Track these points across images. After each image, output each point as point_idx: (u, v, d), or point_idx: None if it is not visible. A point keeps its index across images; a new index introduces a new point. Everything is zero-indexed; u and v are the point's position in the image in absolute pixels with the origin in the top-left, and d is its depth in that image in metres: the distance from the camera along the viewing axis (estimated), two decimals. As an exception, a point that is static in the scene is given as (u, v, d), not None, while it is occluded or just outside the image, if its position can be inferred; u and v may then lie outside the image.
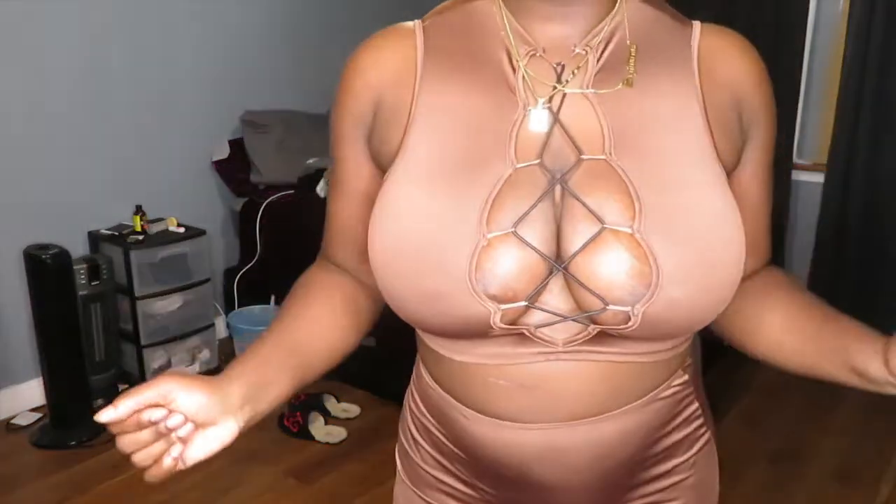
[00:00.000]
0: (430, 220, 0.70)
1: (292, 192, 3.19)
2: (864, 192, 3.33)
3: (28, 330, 2.75)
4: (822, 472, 2.50)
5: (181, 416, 0.67)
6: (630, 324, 0.69)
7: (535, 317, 0.70)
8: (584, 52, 0.74)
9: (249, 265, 3.26)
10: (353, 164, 0.82)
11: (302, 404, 2.76)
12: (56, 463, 2.52)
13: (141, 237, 2.88)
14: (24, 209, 2.76)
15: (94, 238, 2.93)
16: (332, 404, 2.85)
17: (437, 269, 0.69)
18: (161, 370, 2.94)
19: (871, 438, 2.71)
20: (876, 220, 3.34)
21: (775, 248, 0.85)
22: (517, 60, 0.75)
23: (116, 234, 2.90)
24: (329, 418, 2.79)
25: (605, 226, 0.68)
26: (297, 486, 2.42)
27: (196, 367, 3.04)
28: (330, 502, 2.35)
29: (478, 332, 0.72)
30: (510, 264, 0.68)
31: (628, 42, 0.74)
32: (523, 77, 0.74)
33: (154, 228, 2.95)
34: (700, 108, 0.74)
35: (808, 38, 3.44)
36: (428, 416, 0.86)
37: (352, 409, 2.84)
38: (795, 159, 3.58)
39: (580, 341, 0.72)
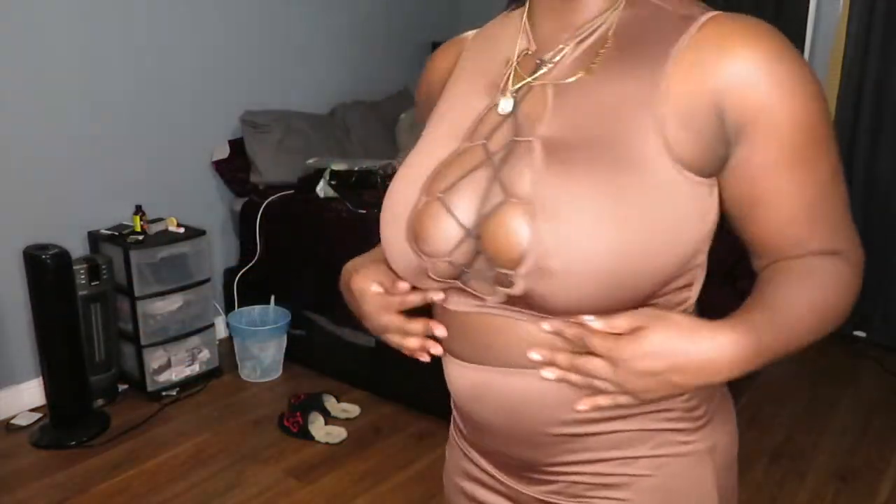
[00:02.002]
0: (400, 185, 0.86)
1: (292, 192, 3.19)
2: (864, 191, 3.33)
3: (28, 330, 2.75)
4: (822, 472, 2.51)
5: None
6: (514, 288, 0.75)
7: (466, 274, 0.80)
8: (563, 46, 0.82)
9: (249, 265, 3.26)
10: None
11: (302, 404, 2.76)
12: (56, 463, 2.52)
13: (141, 237, 2.88)
14: (24, 209, 2.76)
15: (94, 238, 2.93)
16: (332, 404, 2.85)
17: (394, 226, 0.84)
18: (161, 370, 2.94)
19: (871, 438, 2.71)
20: (876, 220, 3.34)
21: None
22: (513, 59, 0.85)
23: (116, 234, 2.90)
24: (329, 418, 2.79)
25: (507, 197, 0.75)
26: (297, 486, 2.42)
27: (196, 367, 3.04)
28: (330, 502, 2.35)
29: (421, 281, 0.84)
30: (435, 226, 0.80)
31: (609, 35, 0.79)
32: (511, 72, 0.84)
33: (154, 228, 2.95)
34: (658, 101, 0.74)
35: (808, 38, 3.44)
36: None
37: (352, 409, 2.84)
38: (795, 159, 3.57)
39: (500, 301, 0.79)
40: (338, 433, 2.68)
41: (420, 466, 2.50)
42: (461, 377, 0.86)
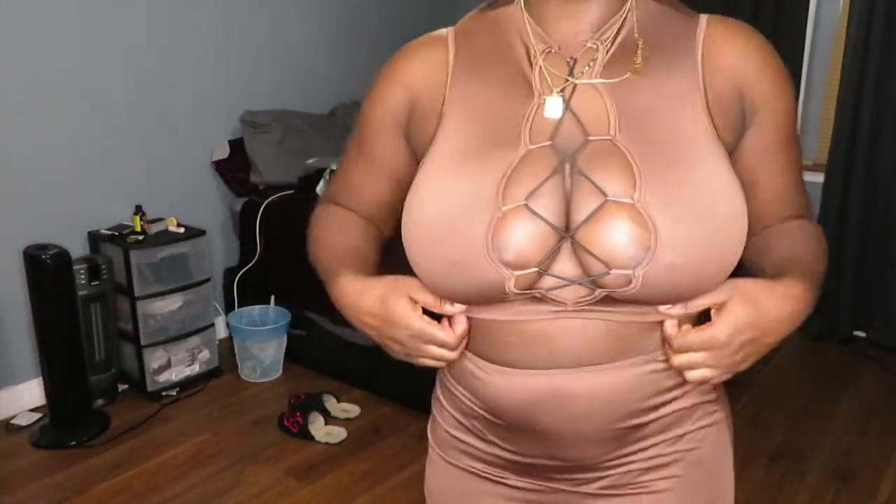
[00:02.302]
0: (455, 197, 0.79)
1: (292, 192, 3.19)
2: (864, 192, 3.33)
3: (28, 330, 2.75)
4: (823, 472, 2.50)
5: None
6: (631, 286, 0.75)
7: (547, 281, 0.77)
8: (594, 47, 0.83)
9: (249, 265, 3.26)
10: (386, 148, 0.95)
11: (302, 404, 2.76)
12: (56, 463, 2.52)
13: (141, 237, 2.88)
14: (24, 209, 2.76)
15: (94, 238, 2.93)
16: (332, 404, 2.85)
17: (460, 240, 0.77)
18: (161, 370, 2.94)
19: (871, 438, 2.71)
20: (876, 219, 3.34)
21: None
22: (535, 57, 0.84)
23: (116, 234, 2.90)
24: (329, 418, 2.79)
25: (607, 198, 0.75)
26: (297, 486, 2.42)
27: (196, 367, 3.04)
28: (330, 502, 2.35)
29: (495, 296, 0.79)
30: (522, 234, 0.76)
31: (636, 36, 0.83)
32: (540, 71, 0.83)
33: (154, 228, 2.94)
34: (701, 95, 0.80)
35: (808, 38, 3.44)
36: (450, 377, 0.93)
37: (352, 409, 2.84)
38: (795, 159, 3.57)
39: (588, 302, 0.79)
40: (338, 433, 2.68)
41: (420, 466, 2.48)
42: (520, 388, 0.83)
